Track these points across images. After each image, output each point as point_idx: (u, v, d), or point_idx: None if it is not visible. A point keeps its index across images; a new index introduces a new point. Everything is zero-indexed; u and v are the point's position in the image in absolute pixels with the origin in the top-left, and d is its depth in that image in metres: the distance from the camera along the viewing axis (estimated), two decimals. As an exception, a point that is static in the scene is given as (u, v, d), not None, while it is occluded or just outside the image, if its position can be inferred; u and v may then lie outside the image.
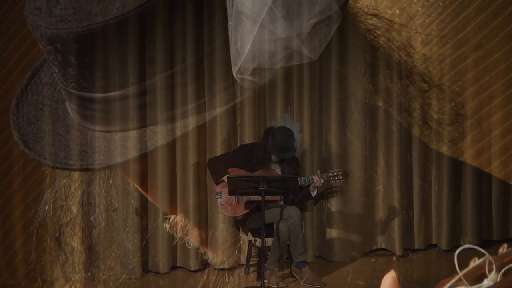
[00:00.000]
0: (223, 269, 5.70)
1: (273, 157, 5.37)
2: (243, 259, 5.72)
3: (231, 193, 5.22)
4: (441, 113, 6.01)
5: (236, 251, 5.76)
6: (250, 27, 4.56)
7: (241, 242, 5.78)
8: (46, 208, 5.39)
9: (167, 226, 5.53)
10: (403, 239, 5.99)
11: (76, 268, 5.45)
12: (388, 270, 1.15)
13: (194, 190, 5.61)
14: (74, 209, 5.46)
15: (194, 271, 5.68)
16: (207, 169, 5.56)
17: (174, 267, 5.69)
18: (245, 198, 5.34)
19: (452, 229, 6.07)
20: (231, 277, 5.57)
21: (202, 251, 5.67)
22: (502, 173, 6.15)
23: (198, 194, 5.63)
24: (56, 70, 5.31)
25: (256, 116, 5.77)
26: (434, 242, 6.14)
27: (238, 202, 5.37)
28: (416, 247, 6.08)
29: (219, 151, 5.63)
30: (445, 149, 6.03)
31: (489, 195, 6.16)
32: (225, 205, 5.40)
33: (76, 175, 5.44)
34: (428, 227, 6.12)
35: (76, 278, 5.45)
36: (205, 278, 5.57)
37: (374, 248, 6.07)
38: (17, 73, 5.42)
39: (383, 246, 6.06)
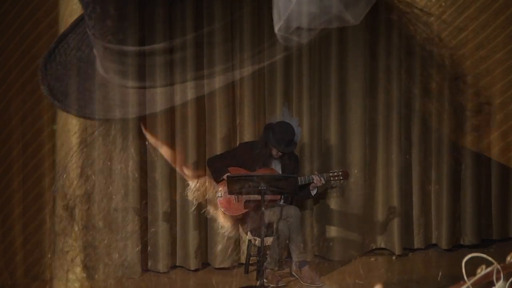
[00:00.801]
0: (222, 269, 5.71)
1: (274, 152, 5.38)
2: (242, 259, 5.72)
3: (230, 192, 5.22)
4: (441, 110, 6.03)
5: (236, 251, 5.77)
6: None
7: (240, 241, 5.78)
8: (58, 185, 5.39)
9: (188, 193, 5.49)
10: (402, 238, 6.00)
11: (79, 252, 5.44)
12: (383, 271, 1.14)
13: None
14: (83, 188, 5.45)
15: (193, 270, 5.68)
16: (207, 168, 5.56)
17: (173, 267, 5.70)
18: (245, 197, 5.34)
19: (451, 228, 6.08)
20: (230, 277, 5.57)
21: (221, 222, 5.58)
22: (502, 174, 6.18)
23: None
24: (92, 24, 5.24)
25: (255, 115, 5.77)
26: (433, 241, 6.15)
27: (238, 201, 5.37)
28: (415, 246, 6.09)
29: (219, 149, 5.63)
30: (445, 145, 6.04)
31: (489, 195, 6.18)
32: (224, 203, 5.39)
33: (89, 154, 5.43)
34: (427, 226, 6.12)
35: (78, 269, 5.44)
36: (204, 277, 5.57)
37: (374, 247, 6.08)
38: (16, 73, 5.39)
39: (383, 246, 6.06)
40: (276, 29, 4.60)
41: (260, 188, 5.03)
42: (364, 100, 5.95)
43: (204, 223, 5.75)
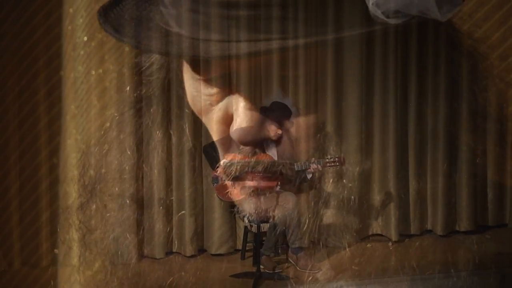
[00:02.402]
0: (218, 255, 5.73)
1: (272, 134, 5.38)
2: (239, 245, 5.73)
3: (227, 178, 5.22)
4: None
5: (232, 237, 5.78)
6: None
7: (237, 227, 5.79)
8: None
9: (219, 169, 5.46)
10: (398, 224, 6.01)
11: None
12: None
13: None
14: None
15: (189, 257, 5.69)
16: (203, 155, 5.56)
17: (169, 253, 5.71)
18: (241, 183, 5.34)
19: (447, 214, 6.10)
20: (227, 263, 5.59)
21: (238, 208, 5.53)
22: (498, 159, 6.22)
23: None
24: None
25: (251, 101, 5.75)
26: (429, 227, 6.18)
27: (234, 188, 5.37)
28: (411, 232, 6.12)
29: (214, 136, 5.62)
30: (441, 130, 6.07)
31: (484, 180, 6.19)
32: (221, 190, 5.40)
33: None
34: (423, 212, 6.14)
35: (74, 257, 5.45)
36: (201, 263, 5.59)
37: (370, 233, 6.09)
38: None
39: (379, 232, 6.08)
40: (370, 2, 4.53)
41: (256, 174, 5.04)
42: (360, 85, 5.94)
43: (201, 209, 5.76)
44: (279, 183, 5.43)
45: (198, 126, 5.67)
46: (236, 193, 5.36)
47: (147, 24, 5.20)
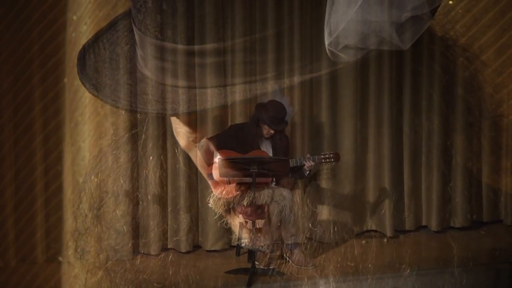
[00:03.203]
0: (214, 251, 5.73)
1: (265, 132, 5.38)
2: (234, 241, 5.73)
3: (222, 175, 5.21)
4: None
5: (227, 233, 5.78)
6: (347, 4, 4.61)
7: (232, 224, 5.79)
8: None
9: (211, 201, 5.45)
10: (393, 220, 6.02)
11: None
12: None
13: None
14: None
15: (185, 253, 5.69)
16: (198, 151, 5.55)
17: (165, 249, 5.71)
18: (236, 179, 5.33)
19: (442, 210, 6.11)
20: (222, 259, 5.59)
21: (235, 235, 5.56)
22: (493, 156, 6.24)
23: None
24: (141, 19, 5.20)
25: (246, 97, 5.76)
26: (424, 223, 6.19)
27: (229, 184, 5.37)
28: (406, 228, 6.13)
29: (210, 132, 5.62)
30: (436, 126, 6.07)
31: (479, 177, 6.20)
32: (216, 187, 5.39)
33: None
34: (418, 208, 6.15)
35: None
36: (196, 260, 5.59)
37: (365, 229, 6.10)
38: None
39: (374, 228, 6.09)
40: (326, 43, 4.64)
41: (251, 170, 5.04)
42: (355, 83, 5.94)
43: (196, 206, 5.76)
44: (274, 179, 5.43)
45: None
46: (231, 189, 5.36)
47: (121, 67, 5.30)
